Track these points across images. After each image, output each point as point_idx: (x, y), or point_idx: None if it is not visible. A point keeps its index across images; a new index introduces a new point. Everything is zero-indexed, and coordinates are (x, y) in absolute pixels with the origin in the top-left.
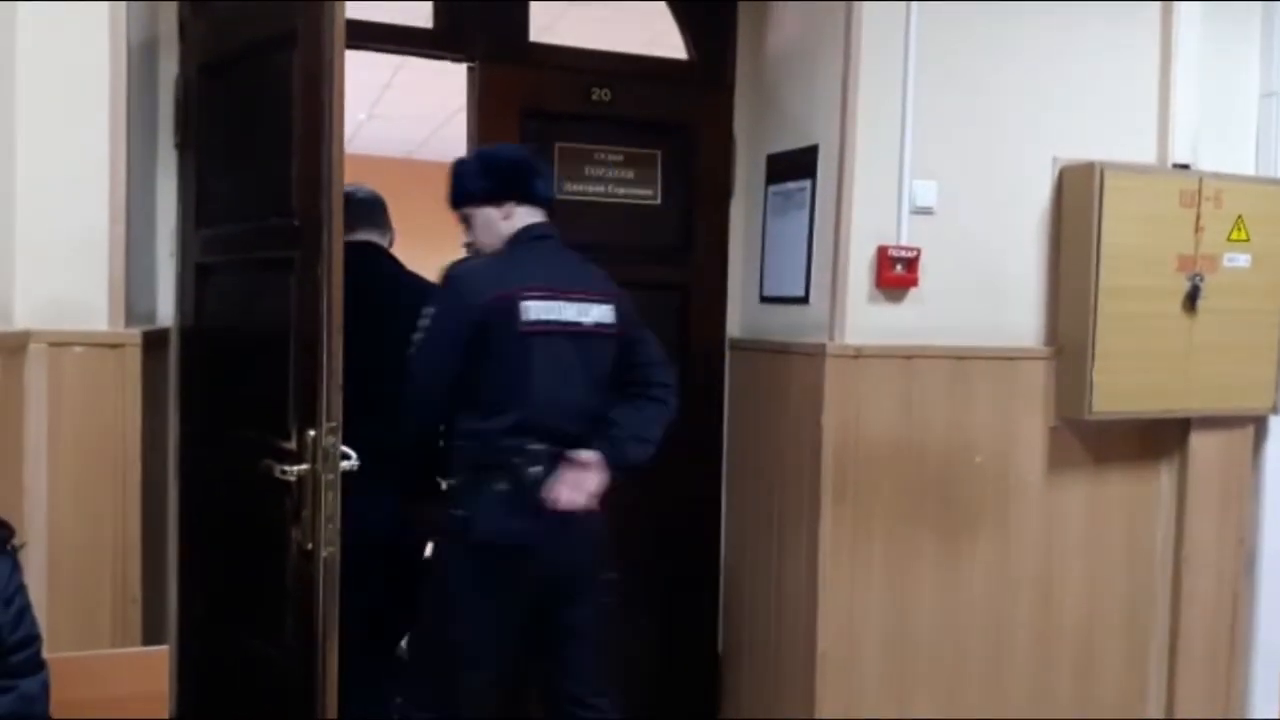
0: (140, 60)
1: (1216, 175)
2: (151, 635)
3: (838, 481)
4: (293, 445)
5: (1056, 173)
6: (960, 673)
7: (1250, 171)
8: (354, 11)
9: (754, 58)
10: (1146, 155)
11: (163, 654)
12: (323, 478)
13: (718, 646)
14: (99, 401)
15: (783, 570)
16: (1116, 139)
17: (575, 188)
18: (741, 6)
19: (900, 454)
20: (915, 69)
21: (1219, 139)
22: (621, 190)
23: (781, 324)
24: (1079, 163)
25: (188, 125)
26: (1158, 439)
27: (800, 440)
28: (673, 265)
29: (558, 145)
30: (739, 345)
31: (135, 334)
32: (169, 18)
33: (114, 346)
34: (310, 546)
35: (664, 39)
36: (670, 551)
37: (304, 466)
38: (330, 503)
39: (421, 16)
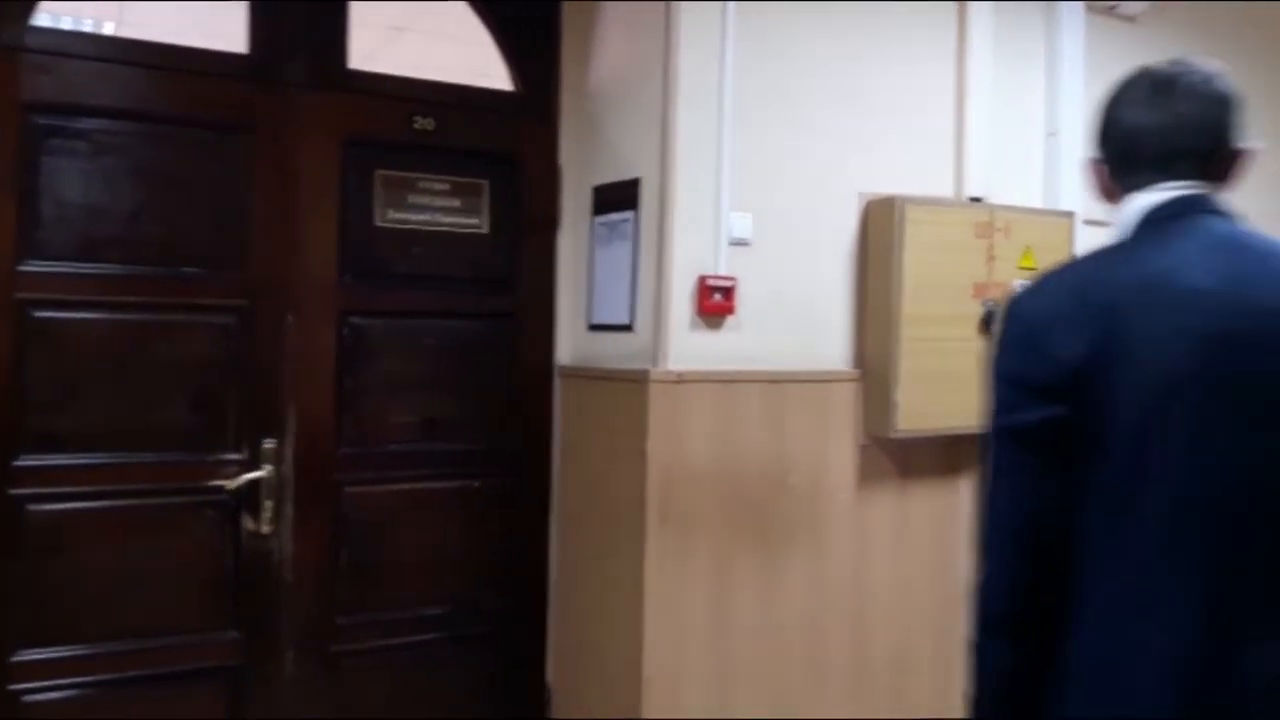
0: None
1: (1007, 208)
2: None
3: (662, 505)
4: (241, 455)
5: (862, 206)
6: (782, 684)
7: (1037, 204)
8: (166, 36)
9: (578, 91)
10: (944, 189)
11: None
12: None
13: (546, 676)
14: None
15: (610, 596)
16: (916, 174)
17: (398, 216)
18: (565, 40)
19: (721, 475)
20: (732, 106)
21: (1008, 174)
22: (447, 219)
23: (609, 351)
24: (881, 196)
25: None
26: (958, 454)
27: (626, 465)
28: (500, 294)
29: (379, 173)
30: (568, 373)
31: None
32: None
33: None
34: (268, 530)
35: (493, 70)
36: (499, 583)
37: (267, 468)
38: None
39: (237, 42)
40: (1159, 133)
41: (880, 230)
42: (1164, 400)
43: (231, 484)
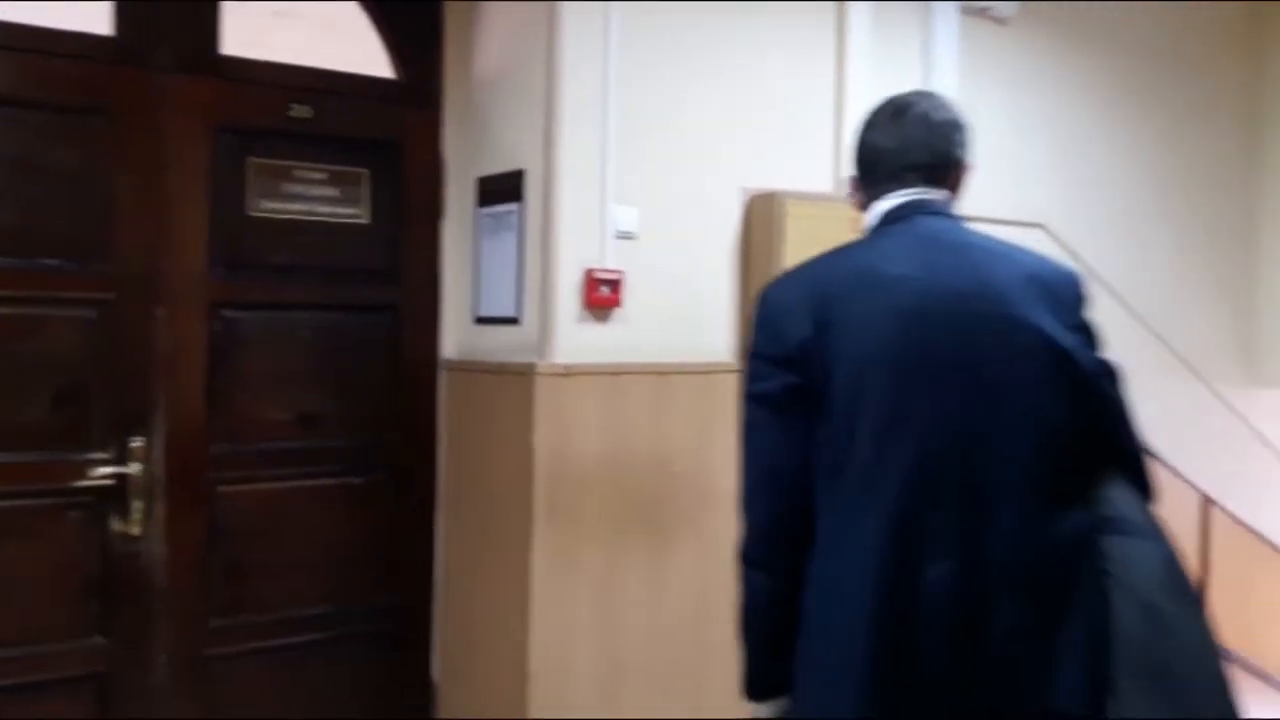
0: None
1: None
2: None
3: (549, 498)
4: (107, 454)
5: (745, 200)
6: (669, 678)
7: None
8: (28, 15)
9: (462, 80)
10: (824, 185)
11: None
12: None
13: (431, 673)
14: None
15: (496, 592)
16: (798, 170)
17: (273, 205)
18: (449, 29)
19: (608, 467)
20: (616, 100)
21: None
22: (325, 209)
23: (495, 344)
24: (763, 192)
25: None
26: None
27: (512, 459)
28: (383, 285)
29: (251, 161)
30: (454, 366)
31: None
32: None
33: None
34: (138, 531)
35: (380, 58)
36: (383, 580)
37: (136, 467)
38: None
39: (102, 23)
40: (892, 151)
41: (762, 224)
42: (867, 366)
43: (97, 484)
